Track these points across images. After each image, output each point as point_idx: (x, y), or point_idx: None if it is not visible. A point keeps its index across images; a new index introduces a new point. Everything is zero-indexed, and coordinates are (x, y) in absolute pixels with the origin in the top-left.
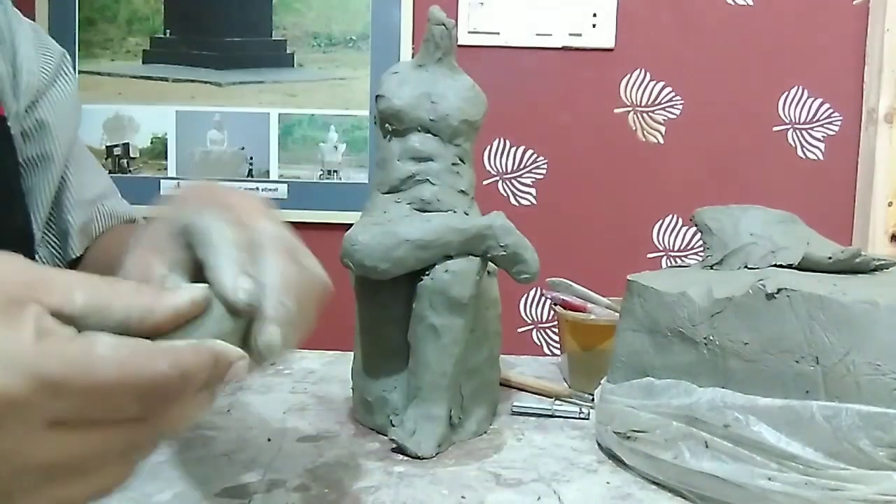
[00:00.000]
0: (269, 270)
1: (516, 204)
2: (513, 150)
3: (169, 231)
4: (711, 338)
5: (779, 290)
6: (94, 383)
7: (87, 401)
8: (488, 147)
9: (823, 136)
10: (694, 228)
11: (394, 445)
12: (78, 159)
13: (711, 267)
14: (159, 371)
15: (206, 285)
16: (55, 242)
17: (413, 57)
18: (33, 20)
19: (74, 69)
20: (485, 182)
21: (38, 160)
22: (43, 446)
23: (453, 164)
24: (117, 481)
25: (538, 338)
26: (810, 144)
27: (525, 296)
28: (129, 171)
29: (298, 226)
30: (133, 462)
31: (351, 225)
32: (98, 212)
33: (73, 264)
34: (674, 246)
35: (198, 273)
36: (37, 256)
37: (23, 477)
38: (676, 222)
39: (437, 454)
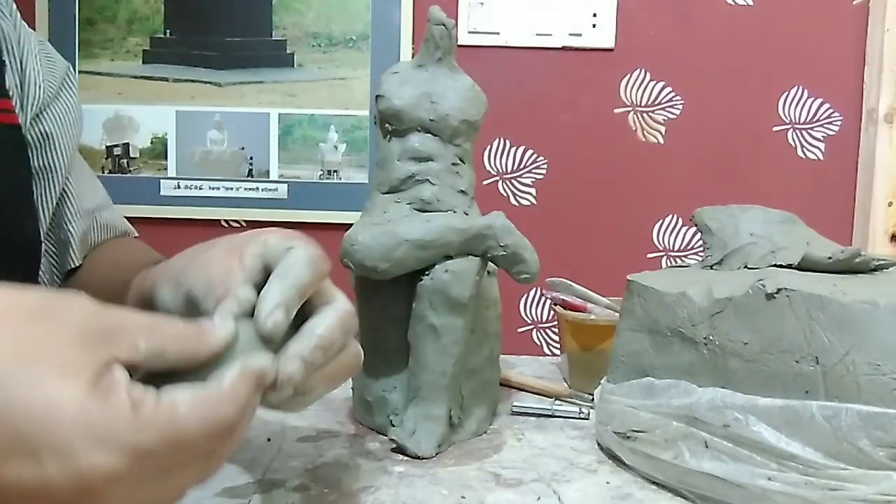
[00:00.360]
0: (321, 322)
1: (516, 204)
2: (513, 150)
3: (256, 245)
4: (711, 338)
5: (779, 290)
6: (178, 441)
7: (172, 454)
8: (488, 147)
9: (823, 136)
10: (694, 228)
11: (394, 445)
12: (77, 170)
13: (711, 267)
14: (227, 415)
15: (233, 325)
16: (53, 251)
17: (413, 57)
18: (33, 20)
19: (76, 80)
20: (485, 182)
21: (42, 171)
22: (132, 498)
23: (453, 164)
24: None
25: (538, 338)
26: (810, 144)
27: (525, 296)
28: (129, 171)
29: (298, 226)
30: (184, 493)
31: (351, 225)
32: (96, 222)
33: (70, 274)
34: (674, 246)
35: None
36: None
37: None
38: (676, 222)
39: (437, 454)
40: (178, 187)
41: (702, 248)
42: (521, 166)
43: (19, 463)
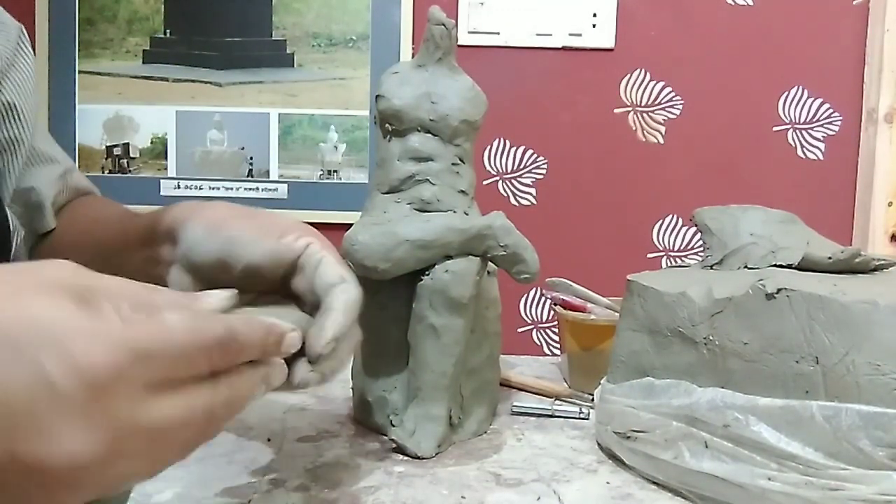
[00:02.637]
0: (342, 298)
1: (516, 204)
2: (513, 150)
3: (304, 250)
4: (711, 338)
5: (779, 290)
6: (172, 346)
7: (169, 363)
8: (488, 147)
9: (823, 136)
10: (694, 228)
11: (394, 445)
12: (42, 131)
13: (711, 267)
14: (217, 330)
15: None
16: (24, 215)
17: (413, 57)
18: (33, 20)
19: (28, 42)
20: (485, 182)
21: (7, 144)
22: (145, 410)
23: (453, 164)
24: (198, 442)
25: (538, 338)
26: (810, 144)
27: (525, 296)
28: (129, 171)
29: None
30: (209, 430)
31: (351, 225)
32: (66, 185)
33: (44, 237)
34: (674, 246)
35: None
36: (14, 241)
37: (131, 441)
38: (676, 222)
39: (437, 454)
40: (178, 187)
41: (702, 248)
42: (521, 166)
43: (19, 368)
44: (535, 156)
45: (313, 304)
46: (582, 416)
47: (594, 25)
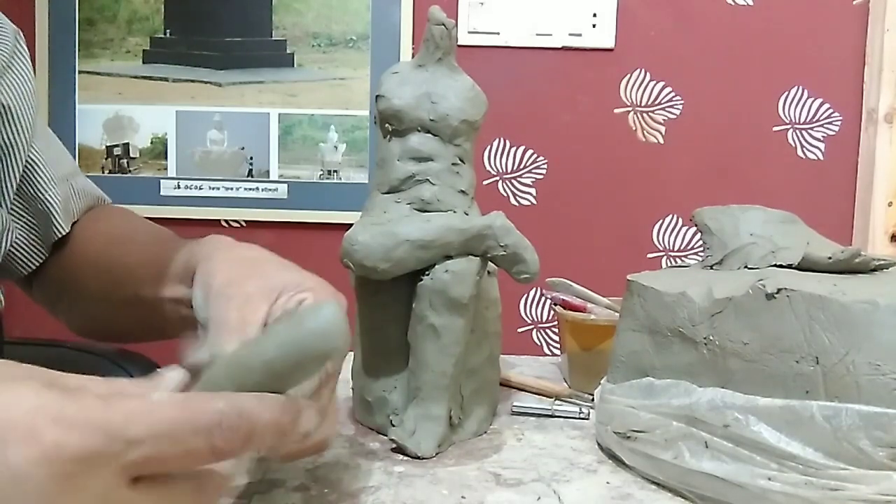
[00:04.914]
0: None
1: (516, 204)
2: (513, 150)
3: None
4: (711, 338)
5: (779, 290)
6: (157, 424)
7: (156, 445)
8: (488, 147)
9: (823, 136)
10: (694, 228)
11: (394, 445)
12: (44, 136)
13: (711, 267)
14: (216, 408)
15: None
16: (33, 223)
17: (413, 57)
18: (33, 20)
19: (24, 45)
20: (485, 182)
21: (3, 147)
22: (120, 499)
23: (453, 164)
24: None
25: (538, 338)
26: (810, 144)
27: (525, 296)
28: (129, 171)
29: (298, 226)
30: None
31: (351, 225)
32: (73, 189)
33: (57, 245)
34: (674, 246)
35: None
36: (3, 243)
37: None
38: (676, 222)
39: (437, 454)
40: (178, 187)
41: (702, 248)
42: (521, 166)
43: None
44: (535, 156)
45: None
46: (582, 416)
47: (594, 25)
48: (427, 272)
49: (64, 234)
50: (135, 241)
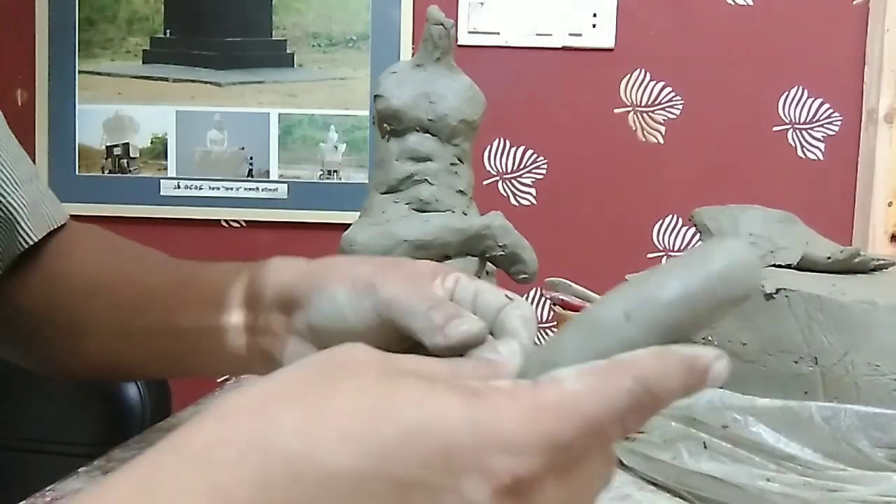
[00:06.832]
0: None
1: (516, 204)
2: (513, 150)
3: (450, 280)
4: (710, 338)
5: (778, 291)
6: (582, 423)
7: (583, 443)
8: (488, 147)
9: (823, 136)
10: (693, 228)
11: None
12: (4, 138)
13: None
14: (626, 386)
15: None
16: None
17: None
18: (33, 20)
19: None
20: (485, 182)
21: None
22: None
23: (452, 164)
24: None
25: (538, 338)
26: (810, 144)
27: (525, 296)
28: (129, 171)
29: (298, 226)
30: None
31: (350, 225)
32: (42, 192)
33: (28, 254)
34: (674, 246)
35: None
36: None
37: None
38: (676, 222)
39: None
40: (178, 187)
41: None
42: (521, 166)
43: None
44: (535, 156)
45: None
46: None
47: (594, 25)
48: None
49: (34, 241)
50: (147, 261)
